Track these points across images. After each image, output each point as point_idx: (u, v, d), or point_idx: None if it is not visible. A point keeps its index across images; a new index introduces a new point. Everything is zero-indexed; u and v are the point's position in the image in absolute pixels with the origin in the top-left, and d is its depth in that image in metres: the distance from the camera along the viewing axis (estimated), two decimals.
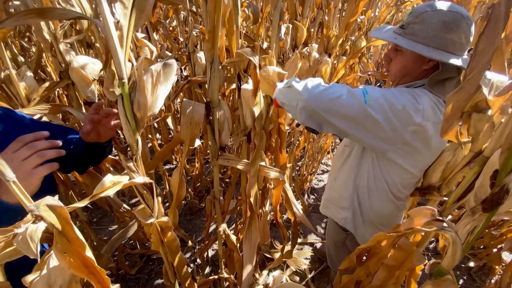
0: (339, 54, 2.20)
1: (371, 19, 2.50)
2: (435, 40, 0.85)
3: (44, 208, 0.45)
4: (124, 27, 0.48)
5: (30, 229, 0.42)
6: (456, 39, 0.84)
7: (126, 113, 0.59)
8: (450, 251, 0.56)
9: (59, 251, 0.48)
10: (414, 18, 0.88)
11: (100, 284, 0.56)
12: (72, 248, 0.49)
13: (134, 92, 0.58)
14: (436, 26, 0.84)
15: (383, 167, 1.01)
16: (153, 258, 2.07)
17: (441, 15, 0.83)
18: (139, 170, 0.65)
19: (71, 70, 1.14)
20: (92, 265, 0.52)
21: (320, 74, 1.56)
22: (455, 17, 0.83)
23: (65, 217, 0.46)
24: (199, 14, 1.84)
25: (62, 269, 0.52)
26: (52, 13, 0.60)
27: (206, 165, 2.99)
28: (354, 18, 1.62)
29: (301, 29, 1.37)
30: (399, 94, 0.88)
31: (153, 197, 0.72)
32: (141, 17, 0.44)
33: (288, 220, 2.51)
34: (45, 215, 0.45)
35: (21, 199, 0.47)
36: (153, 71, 0.64)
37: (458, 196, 0.65)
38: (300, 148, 2.45)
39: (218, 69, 0.84)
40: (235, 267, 1.58)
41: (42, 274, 0.51)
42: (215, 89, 0.87)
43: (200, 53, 1.76)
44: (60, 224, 0.46)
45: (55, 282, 0.52)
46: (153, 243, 0.78)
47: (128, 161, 0.62)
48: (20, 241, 0.42)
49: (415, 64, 0.93)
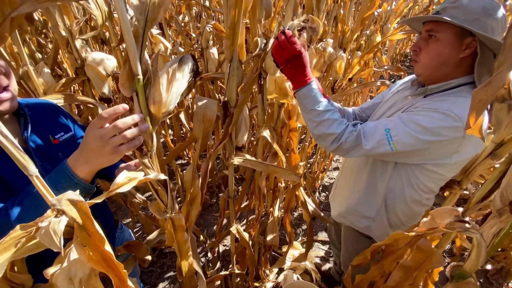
0: (354, 49, 2.14)
1: (387, 12, 2.43)
2: (476, 23, 0.82)
3: (66, 202, 0.46)
4: (140, 23, 0.48)
5: (53, 222, 0.42)
6: (495, 25, 0.82)
7: (141, 110, 0.59)
8: (474, 254, 0.54)
9: (79, 244, 0.49)
10: (451, 3, 0.86)
11: (117, 277, 0.56)
12: (91, 242, 0.50)
13: (149, 89, 0.58)
14: (476, 10, 0.82)
15: (419, 175, 0.98)
16: (166, 252, 2.11)
17: (480, 1, 0.83)
18: (153, 166, 0.66)
19: (86, 67, 1.16)
20: (110, 259, 0.53)
21: (334, 69, 1.53)
22: (493, 4, 0.83)
23: (85, 212, 0.47)
24: (212, 9, 1.83)
25: (82, 262, 0.53)
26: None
27: (217, 161, 3.00)
28: (371, 12, 1.57)
29: (317, 23, 1.33)
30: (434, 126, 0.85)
31: (167, 193, 0.72)
32: (159, 12, 0.44)
33: (298, 218, 2.50)
34: (66, 209, 0.45)
35: (43, 193, 0.48)
36: (168, 68, 0.64)
37: (482, 195, 0.62)
38: (312, 145, 2.43)
39: (237, 67, 0.82)
40: (246, 263, 1.59)
41: (62, 267, 0.52)
42: (233, 88, 0.86)
43: (213, 49, 1.75)
44: (81, 218, 0.47)
45: (75, 275, 0.53)
46: (167, 239, 0.79)
47: (143, 157, 0.62)
48: (43, 234, 0.43)
49: (452, 51, 0.87)
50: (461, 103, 0.84)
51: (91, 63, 1.11)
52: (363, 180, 1.13)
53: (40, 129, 0.80)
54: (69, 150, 0.84)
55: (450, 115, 0.82)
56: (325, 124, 0.94)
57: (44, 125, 0.81)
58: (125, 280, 0.58)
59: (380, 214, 1.10)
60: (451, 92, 0.91)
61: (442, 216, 0.58)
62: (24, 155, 0.44)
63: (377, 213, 1.10)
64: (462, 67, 0.89)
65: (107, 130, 0.57)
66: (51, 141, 0.81)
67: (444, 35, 0.87)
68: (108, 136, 0.57)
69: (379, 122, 0.95)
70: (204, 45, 1.73)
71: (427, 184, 0.98)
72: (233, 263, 1.44)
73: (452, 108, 0.83)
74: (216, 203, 2.61)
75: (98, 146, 0.57)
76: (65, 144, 0.85)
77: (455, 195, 0.86)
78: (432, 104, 0.88)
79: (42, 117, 0.82)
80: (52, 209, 0.46)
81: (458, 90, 0.90)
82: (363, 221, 1.16)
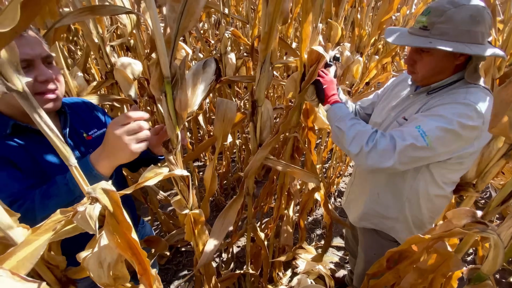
0: (371, 53, 2.13)
1: (406, 16, 2.40)
2: (467, 36, 0.85)
3: (100, 191, 0.51)
4: (173, 30, 0.52)
5: (88, 208, 0.47)
6: (483, 30, 0.85)
7: (168, 110, 0.64)
8: (491, 255, 0.54)
9: (109, 231, 0.54)
10: (438, 17, 0.86)
11: (141, 265, 0.61)
12: (120, 229, 0.54)
13: (177, 90, 0.63)
14: (465, 21, 0.84)
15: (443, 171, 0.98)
16: (182, 251, 2.17)
17: (466, 10, 0.84)
18: (178, 163, 0.70)
19: (115, 71, 1.24)
20: (135, 247, 0.57)
21: (351, 73, 1.53)
22: (479, 9, 0.84)
23: (116, 200, 0.52)
24: (231, 16, 1.90)
25: (111, 248, 0.57)
26: (104, 9, 0.67)
27: (232, 163, 3.05)
28: (388, 16, 1.57)
29: (336, 28, 1.36)
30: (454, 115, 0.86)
31: (188, 189, 0.77)
32: (191, 21, 0.48)
33: (312, 223, 2.48)
34: (100, 197, 0.50)
35: (80, 182, 0.53)
36: (194, 71, 0.69)
37: (502, 199, 0.61)
38: (328, 149, 2.42)
39: (268, 69, 0.87)
40: (260, 264, 1.61)
41: (94, 251, 0.57)
42: (263, 88, 0.91)
43: (231, 54, 1.81)
44: (112, 206, 0.52)
45: (105, 260, 0.57)
46: (186, 233, 0.83)
47: (169, 154, 0.67)
48: (80, 219, 0.48)
49: (447, 62, 0.92)
50: (473, 92, 0.89)
51: (119, 67, 1.19)
52: (381, 183, 1.12)
53: (76, 125, 0.87)
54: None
55: (470, 104, 0.85)
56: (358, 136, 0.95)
57: (80, 122, 0.89)
58: (147, 269, 0.62)
59: (403, 215, 1.09)
60: (453, 86, 0.95)
61: (459, 217, 0.57)
62: (66, 147, 0.49)
63: (400, 213, 1.09)
64: (457, 68, 0.94)
65: (128, 128, 0.62)
66: (85, 138, 0.88)
67: (438, 50, 0.88)
68: (130, 133, 0.62)
69: (404, 127, 0.95)
70: (223, 50, 1.79)
71: (451, 178, 0.99)
72: (248, 263, 1.46)
73: (469, 97, 0.87)
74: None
75: (119, 143, 0.62)
76: (97, 140, 0.92)
77: (471, 198, 0.84)
78: (446, 99, 0.91)
79: (79, 115, 0.90)
80: (88, 197, 0.51)
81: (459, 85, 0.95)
82: (387, 222, 1.15)
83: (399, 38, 0.98)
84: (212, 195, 1.69)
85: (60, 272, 0.67)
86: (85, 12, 0.67)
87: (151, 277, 0.61)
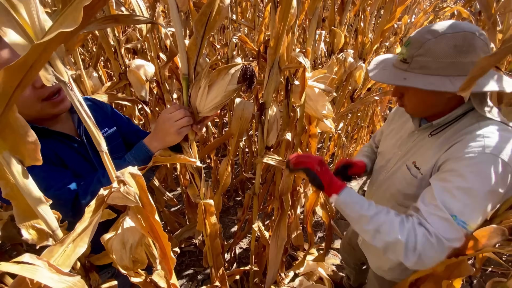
0: None
1: (407, 25, 2.48)
2: (452, 68, 0.72)
3: (128, 175, 0.55)
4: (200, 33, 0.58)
5: (123, 188, 0.52)
6: (475, 58, 0.70)
7: (183, 102, 0.70)
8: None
9: (134, 213, 0.58)
10: (417, 49, 0.75)
11: (161, 249, 0.65)
12: (144, 212, 0.59)
13: (191, 88, 0.69)
14: (447, 52, 0.71)
15: None
16: (185, 251, 2.19)
17: (448, 39, 0.71)
18: (192, 152, 0.76)
19: (129, 72, 1.30)
20: (156, 230, 0.62)
21: (354, 78, 1.59)
22: (465, 37, 0.71)
23: (142, 184, 0.56)
24: (238, 22, 1.97)
25: (134, 231, 0.62)
26: (128, 19, 0.73)
27: (234, 166, 3.09)
28: (390, 25, 1.64)
29: (339, 35, 1.42)
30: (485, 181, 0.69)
31: (200, 178, 0.82)
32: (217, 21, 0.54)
33: (313, 225, 2.51)
34: (128, 181, 0.55)
35: (109, 168, 0.58)
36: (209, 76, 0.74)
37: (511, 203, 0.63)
38: (330, 153, 2.46)
39: (276, 73, 0.90)
40: (263, 263, 1.63)
41: (117, 233, 0.61)
42: (271, 91, 0.95)
43: (237, 59, 1.87)
44: (138, 189, 0.56)
45: (128, 241, 0.62)
46: (198, 223, 0.87)
47: (185, 144, 0.72)
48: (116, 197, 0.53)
49: (435, 96, 0.78)
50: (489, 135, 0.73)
51: (134, 69, 1.25)
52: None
53: None
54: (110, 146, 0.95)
55: (494, 155, 0.69)
56: (383, 230, 0.75)
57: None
58: (167, 254, 0.66)
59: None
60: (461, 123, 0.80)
61: (489, 236, 0.57)
62: (99, 133, 0.54)
63: None
64: (455, 100, 0.79)
65: (175, 114, 0.72)
66: None
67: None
68: (176, 118, 0.71)
69: (439, 215, 0.72)
70: (230, 55, 1.85)
71: None
72: (252, 261, 1.49)
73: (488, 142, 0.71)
74: (234, 206, 2.68)
75: (167, 127, 0.72)
76: (108, 139, 0.96)
77: None
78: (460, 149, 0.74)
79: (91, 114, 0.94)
80: (117, 180, 0.56)
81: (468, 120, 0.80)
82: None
83: (380, 71, 0.87)
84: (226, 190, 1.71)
85: (84, 257, 0.71)
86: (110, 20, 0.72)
87: (171, 261, 0.65)
